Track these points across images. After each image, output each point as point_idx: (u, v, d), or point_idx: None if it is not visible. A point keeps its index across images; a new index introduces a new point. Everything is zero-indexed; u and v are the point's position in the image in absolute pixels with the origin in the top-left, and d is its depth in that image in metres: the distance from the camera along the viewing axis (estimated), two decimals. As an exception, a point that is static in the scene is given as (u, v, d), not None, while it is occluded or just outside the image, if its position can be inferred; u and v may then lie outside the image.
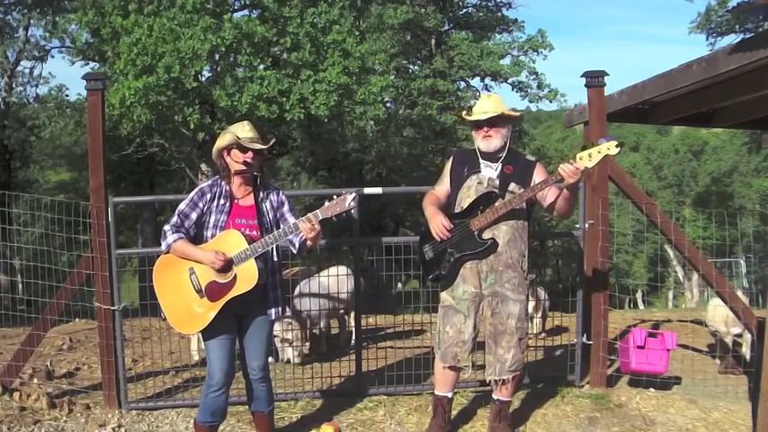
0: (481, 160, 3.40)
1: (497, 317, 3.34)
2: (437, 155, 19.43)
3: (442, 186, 3.51)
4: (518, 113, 3.60)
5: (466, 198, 3.37)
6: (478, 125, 3.37)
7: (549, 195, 3.31)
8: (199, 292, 3.11)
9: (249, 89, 10.70)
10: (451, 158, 3.57)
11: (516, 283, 3.33)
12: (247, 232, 3.16)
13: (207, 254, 3.08)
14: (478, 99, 3.52)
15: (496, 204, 3.26)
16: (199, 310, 3.12)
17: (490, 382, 3.47)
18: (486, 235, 3.30)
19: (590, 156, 3.08)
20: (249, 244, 3.09)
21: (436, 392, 3.56)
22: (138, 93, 10.31)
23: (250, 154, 3.18)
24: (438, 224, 3.29)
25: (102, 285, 4.03)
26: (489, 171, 3.38)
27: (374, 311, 7.02)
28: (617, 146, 3.07)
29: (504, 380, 3.39)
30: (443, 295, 3.45)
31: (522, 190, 3.28)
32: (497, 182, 3.34)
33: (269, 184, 3.47)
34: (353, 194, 3.10)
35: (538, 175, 3.33)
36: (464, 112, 3.48)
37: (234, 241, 3.10)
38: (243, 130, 3.21)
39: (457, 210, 3.40)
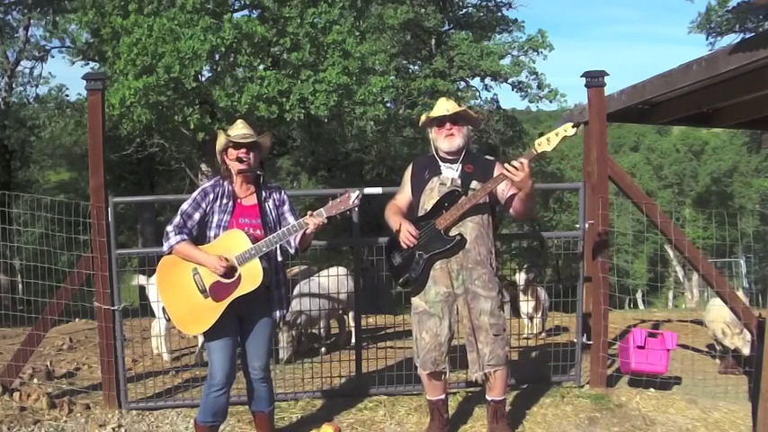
0: (441, 163, 3.42)
1: (472, 313, 3.34)
2: (437, 155, 19.36)
3: (403, 195, 3.51)
4: (478, 114, 3.59)
5: (429, 200, 3.37)
6: (441, 122, 3.38)
7: (507, 195, 3.31)
8: (203, 292, 3.11)
9: (249, 89, 10.70)
10: (411, 166, 3.57)
11: (486, 279, 3.34)
12: (251, 231, 3.16)
13: (210, 258, 3.07)
14: (437, 103, 3.50)
15: (460, 200, 3.27)
16: (203, 310, 3.11)
17: (476, 381, 3.44)
18: (453, 232, 3.30)
19: (548, 140, 3.14)
20: (253, 243, 3.09)
21: (428, 398, 3.55)
22: (138, 93, 10.31)
23: (243, 150, 3.18)
24: (404, 231, 3.28)
25: (102, 285, 4.02)
26: (450, 172, 3.39)
27: (374, 311, 7.01)
28: (573, 126, 3.12)
29: (486, 375, 3.36)
30: (416, 301, 3.43)
31: (483, 184, 3.29)
32: (459, 181, 3.35)
33: (270, 183, 3.47)
34: (357, 192, 3.11)
35: (498, 173, 3.31)
36: (423, 115, 3.48)
37: (238, 241, 3.10)
38: (234, 129, 3.24)
39: (421, 213, 3.40)
